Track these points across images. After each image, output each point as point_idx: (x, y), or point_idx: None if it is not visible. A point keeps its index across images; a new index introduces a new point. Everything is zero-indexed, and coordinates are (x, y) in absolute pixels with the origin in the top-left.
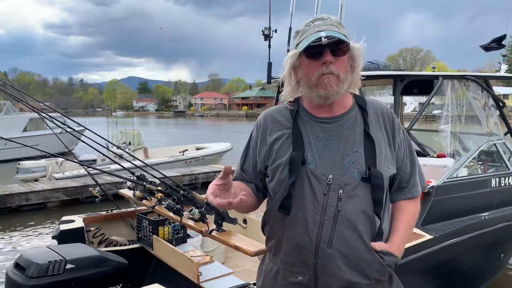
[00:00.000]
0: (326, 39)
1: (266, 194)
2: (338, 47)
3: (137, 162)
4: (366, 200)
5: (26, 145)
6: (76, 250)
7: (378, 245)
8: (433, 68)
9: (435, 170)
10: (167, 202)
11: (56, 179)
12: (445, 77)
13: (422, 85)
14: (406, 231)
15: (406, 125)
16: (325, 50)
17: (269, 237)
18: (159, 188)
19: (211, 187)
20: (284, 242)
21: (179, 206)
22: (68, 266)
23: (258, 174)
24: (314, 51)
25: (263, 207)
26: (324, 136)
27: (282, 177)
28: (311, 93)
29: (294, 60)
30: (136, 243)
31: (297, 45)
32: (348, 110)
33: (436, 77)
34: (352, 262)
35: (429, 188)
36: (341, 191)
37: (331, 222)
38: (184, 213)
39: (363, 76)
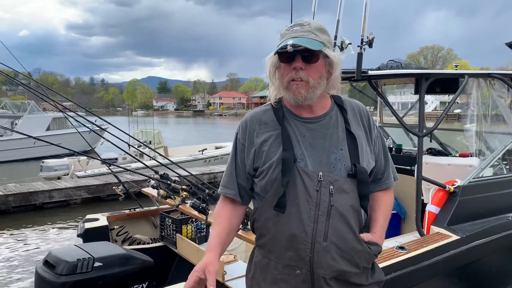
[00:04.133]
0: (291, 47)
1: (250, 197)
2: (309, 54)
3: (161, 160)
4: (353, 194)
5: (52, 144)
6: (103, 248)
7: (366, 236)
8: (456, 66)
9: (460, 170)
10: (192, 201)
11: (78, 177)
12: (471, 75)
13: (445, 84)
14: (385, 222)
15: (428, 124)
16: (297, 56)
17: (261, 234)
18: (183, 187)
19: None
20: (279, 238)
21: (204, 204)
22: (96, 264)
23: (247, 176)
24: (287, 56)
25: None
26: (310, 135)
27: (273, 176)
28: (285, 94)
29: (274, 61)
30: (159, 242)
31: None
32: (329, 110)
33: (462, 75)
34: (345, 253)
35: (455, 188)
36: (331, 187)
37: (325, 216)
38: (210, 212)
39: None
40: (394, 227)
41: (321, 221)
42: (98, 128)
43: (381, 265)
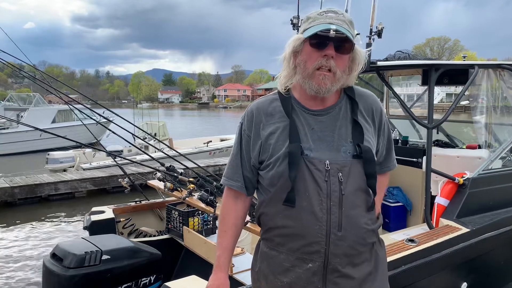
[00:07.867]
0: (334, 32)
1: (254, 188)
2: (342, 44)
3: (167, 152)
4: (360, 176)
5: (58, 136)
6: (111, 241)
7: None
8: (464, 57)
9: (469, 162)
10: (200, 193)
11: (84, 169)
12: (481, 66)
13: (454, 75)
14: (380, 201)
15: (436, 116)
16: (330, 43)
17: (270, 228)
18: (191, 179)
19: None
20: (290, 232)
21: (212, 197)
22: (104, 257)
23: (252, 167)
24: (319, 41)
25: None
26: (319, 128)
27: (280, 169)
28: (304, 83)
29: (297, 44)
30: (165, 234)
31: (304, 31)
32: (338, 101)
33: (472, 66)
34: (359, 238)
35: (465, 180)
36: (340, 174)
37: (337, 206)
38: (218, 204)
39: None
40: (400, 219)
41: (333, 212)
42: (104, 120)
43: (391, 258)
